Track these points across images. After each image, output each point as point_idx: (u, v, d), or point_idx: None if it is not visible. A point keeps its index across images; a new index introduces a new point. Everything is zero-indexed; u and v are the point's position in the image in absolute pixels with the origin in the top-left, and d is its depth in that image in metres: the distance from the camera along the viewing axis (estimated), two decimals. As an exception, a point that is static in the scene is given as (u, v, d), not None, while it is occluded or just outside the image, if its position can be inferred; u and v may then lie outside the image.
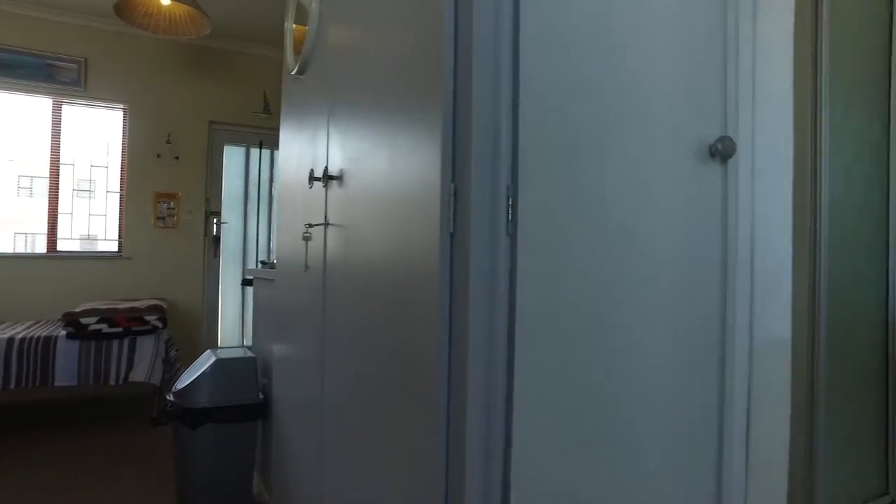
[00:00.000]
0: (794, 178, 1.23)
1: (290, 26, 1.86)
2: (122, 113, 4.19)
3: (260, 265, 2.82)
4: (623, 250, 0.88)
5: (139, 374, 3.08)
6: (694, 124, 0.96)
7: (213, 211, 4.55)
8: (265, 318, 2.19)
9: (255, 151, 4.84)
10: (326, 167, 1.34)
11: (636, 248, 0.90)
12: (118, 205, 4.21)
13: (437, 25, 0.84)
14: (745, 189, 1.08)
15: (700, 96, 0.98)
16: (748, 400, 1.14)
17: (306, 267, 1.43)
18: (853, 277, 1.70)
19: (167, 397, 2.00)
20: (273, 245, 4.90)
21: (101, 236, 4.70)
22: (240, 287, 4.79)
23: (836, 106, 1.61)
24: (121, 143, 4.20)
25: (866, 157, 1.74)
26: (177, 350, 3.55)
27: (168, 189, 4.30)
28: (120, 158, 4.19)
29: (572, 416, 0.83)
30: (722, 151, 0.96)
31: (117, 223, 4.21)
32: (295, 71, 1.67)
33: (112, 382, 3.03)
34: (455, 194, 0.80)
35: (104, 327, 3.04)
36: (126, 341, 3.10)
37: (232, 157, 4.77)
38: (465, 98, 0.79)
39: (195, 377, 1.93)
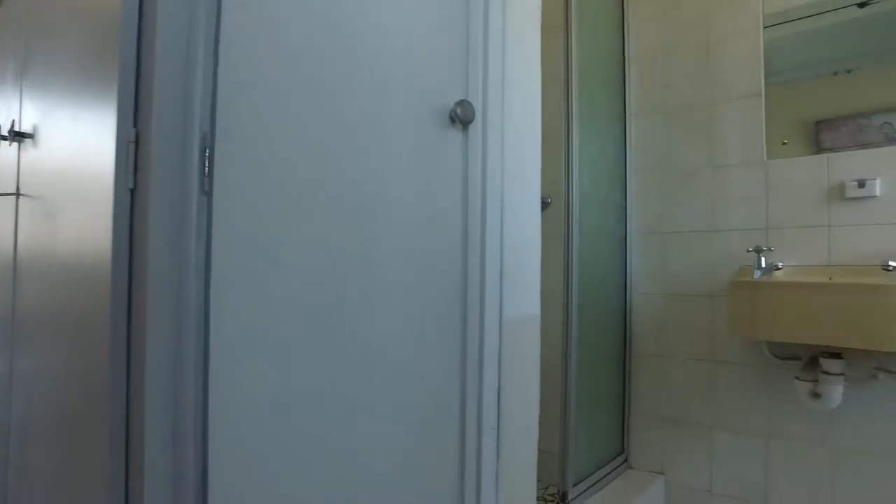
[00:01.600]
0: (548, 166, 1.29)
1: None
2: None
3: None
4: (351, 217, 0.80)
5: None
6: (433, 87, 0.93)
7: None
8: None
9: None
10: (16, 120, 1.06)
11: (367, 215, 0.83)
12: None
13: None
14: (495, 163, 1.08)
15: (440, 59, 0.95)
16: (499, 374, 1.15)
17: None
18: (598, 263, 1.89)
19: None
20: None
21: None
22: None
23: (583, 103, 1.77)
24: None
25: (609, 153, 1.95)
26: None
27: None
28: None
29: (288, 412, 0.72)
30: (462, 116, 0.94)
31: None
32: (-8, 6, 1.32)
33: None
34: (137, 142, 0.64)
35: None
36: None
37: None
38: (149, 29, 0.64)
39: None
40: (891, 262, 1.48)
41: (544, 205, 2.21)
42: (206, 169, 0.64)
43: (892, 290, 1.41)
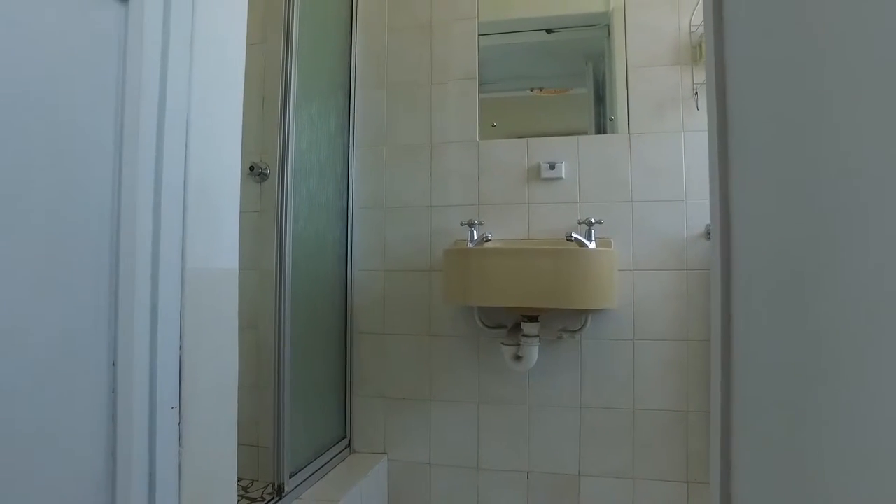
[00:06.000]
0: (266, 134, 1.10)
1: None
2: None
3: None
4: None
5: None
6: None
7: None
8: None
9: None
10: None
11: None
12: None
13: None
14: (180, 63, 0.86)
15: None
16: (181, 340, 0.92)
17: None
18: (318, 237, 1.76)
19: None
20: None
21: None
22: None
23: (304, 66, 1.63)
24: None
25: (333, 122, 1.85)
26: None
27: None
28: None
29: None
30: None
31: None
32: None
33: None
34: None
35: None
36: None
37: None
38: None
39: None
40: (573, 234, 1.68)
41: (263, 176, 2.01)
42: None
43: (570, 253, 1.59)
